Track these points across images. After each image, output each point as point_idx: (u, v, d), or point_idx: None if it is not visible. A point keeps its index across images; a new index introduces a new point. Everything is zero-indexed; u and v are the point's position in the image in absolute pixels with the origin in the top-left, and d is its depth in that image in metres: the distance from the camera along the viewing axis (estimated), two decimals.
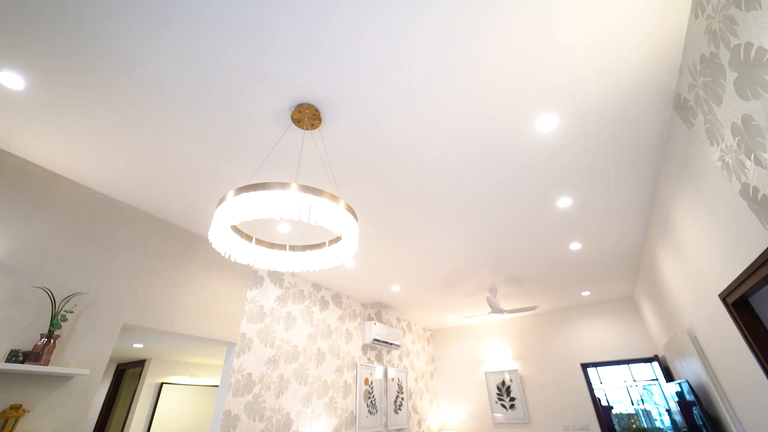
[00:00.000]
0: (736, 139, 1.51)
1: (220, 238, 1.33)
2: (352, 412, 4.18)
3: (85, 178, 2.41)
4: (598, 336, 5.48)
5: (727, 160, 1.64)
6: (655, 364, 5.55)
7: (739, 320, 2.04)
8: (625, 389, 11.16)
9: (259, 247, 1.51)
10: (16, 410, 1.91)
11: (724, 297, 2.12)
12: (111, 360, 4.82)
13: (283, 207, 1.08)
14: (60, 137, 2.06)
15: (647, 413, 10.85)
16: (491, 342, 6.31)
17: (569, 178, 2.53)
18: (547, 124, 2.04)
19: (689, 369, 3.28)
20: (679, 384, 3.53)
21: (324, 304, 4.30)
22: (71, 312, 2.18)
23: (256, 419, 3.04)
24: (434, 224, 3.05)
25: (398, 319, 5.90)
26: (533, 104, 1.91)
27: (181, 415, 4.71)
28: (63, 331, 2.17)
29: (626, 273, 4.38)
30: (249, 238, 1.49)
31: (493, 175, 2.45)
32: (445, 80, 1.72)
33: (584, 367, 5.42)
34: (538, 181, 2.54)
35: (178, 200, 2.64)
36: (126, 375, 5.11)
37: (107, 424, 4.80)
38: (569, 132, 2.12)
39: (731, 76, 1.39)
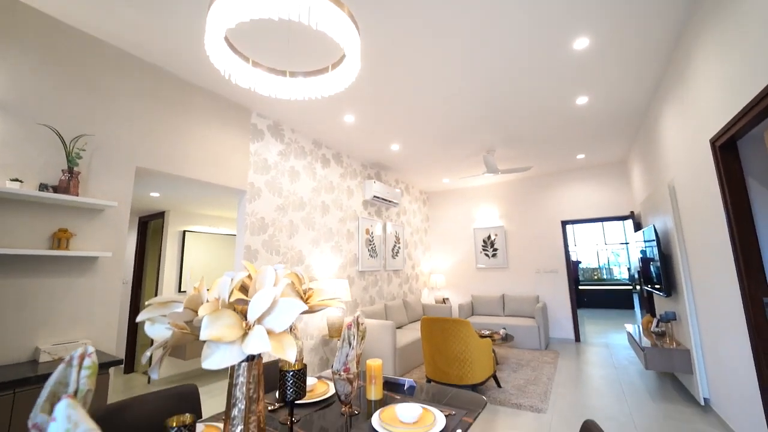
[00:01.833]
0: None
1: (217, 51, 1.27)
2: (355, 254, 4.82)
3: (55, 9, 2.14)
4: (582, 197, 5.86)
5: None
6: (629, 221, 6.12)
7: (721, 163, 2.15)
8: (596, 252, 12.64)
9: (257, 69, 1.46)
10: (64, 232, 2.20)
11: (714, 140, 2.18)
12: (133, 212, 5.25)
13: (282, 4, 1.00)
14: None
15: (609, 270, 12.58)
16: (481, 203, 6.79)
17: (592, 13, 2.26)
18: None
19: (659, 221, 3.65)
20: (646, 231, 3.97)
21: (325, 162, 4.44)
22: (83, 150, 2.26)
23: (273, 254, 3.52)
24: (439, 71, 2.88)
25: (397, 181, 6.18)
26: None
27: (208, 260, 5.43)
28: (81, 169, 2.29)
29: (625, 134, 4.38)
30: (246, 58, 1.43)
31: (509, 6, 2.18)
32: None
33: (564, 224, 5.99)
34: (556, 12, 2.28)
35: (161, 36, 2.42)
36: (150, 226, 5.65)
37: (143, 270, 5.57)
38: None
39: None
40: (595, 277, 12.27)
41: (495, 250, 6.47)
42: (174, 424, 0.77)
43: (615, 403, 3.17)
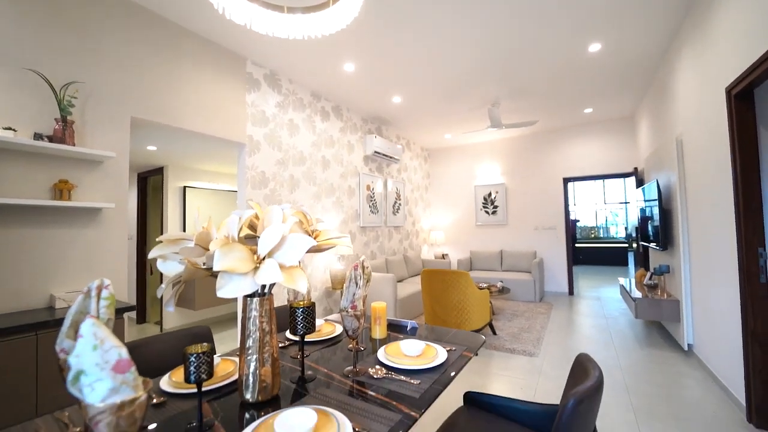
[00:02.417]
0: None
1: None
2: (356, 210, 4.84)
3: None
4: (585, 154, 5.77)
5: None
6: (631, 179, 6.08)
7: (734, 112, 2.09)
8: (594, 212, 12.72)
9: (253, 5, 1.36)
10: (65, 183, 2.18)
11: (730, 89, 2.10)
12: (131, 168, 5.19)
13: None
14: None
15: (606, 229, 12.75)
16: (483, 160, 6.70)
17: None
18: None
19: (662, 176, 3.62)
20: (647, 187, 3.96)
21: (325, 115, 4.31)
22: (74, 98, 2.18)
23: None
24: (443, 17, 2.69)
25: (398, 137, 6.05)
26: None
27: (210, 216, 5.47)
28: (75, 118, 2.22)
29: (636, 87, 4.21)
30: None
31: None
32: None
33: (566, 181, 5.96)
34: None
35: None
36: (149, 183, 5.62)
37: (146, 226, 5.62)
38: None
39: None
40: (592, 236, 12.48)
41: (495, 207, 6.49)
42: (193, 351, 0.81)
43: (603, 348, 3.36)
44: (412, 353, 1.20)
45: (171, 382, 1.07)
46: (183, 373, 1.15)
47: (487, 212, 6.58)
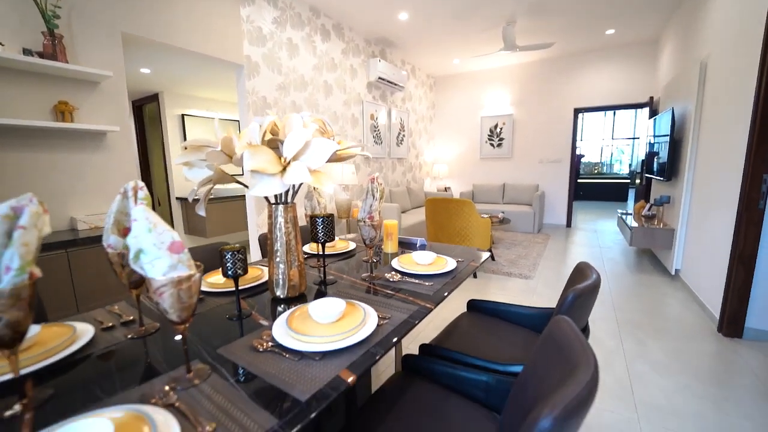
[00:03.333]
0: None
1: None
2: (360, 140, 4.75)
3: None
4: (600, 82, 5.47)
5: None
6: (644, 110, 5.85)
7: None
8: (600, 148, 12.46)
9: None
10: (65, 105, 2.12)
11: None
12: None
13: None
14: None
15: (610, 165, 12.62)
16: (492, 89, 6.37)
17: None
18: None
19: (679, 105, 3.48)
20: (660, 117, 3.84)
21: (325, 34, 3.99)
22: (59, 8, 2.01)
23: None
24: None
25: (403, 62, 5.68)
26: None
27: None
28: (62, 32, 2.07)
29: (665, 5, 3.83)
30: None
31: None
32: None
33: (576, 111, 5.74)
34: None
35: None
36: (145, 112, 5.43)
37: (148, 158, 5.55)
38: None
39: None
40: (595, 171, 12.43)
41: (501, 139, 6.36)
42: (229, 249, 0.88)
43: None
44: (424, 262, 1.29)
45: (206, 283, 1.17)
46: (217, 273, 1.26)
47: (492, 145, 6.46)
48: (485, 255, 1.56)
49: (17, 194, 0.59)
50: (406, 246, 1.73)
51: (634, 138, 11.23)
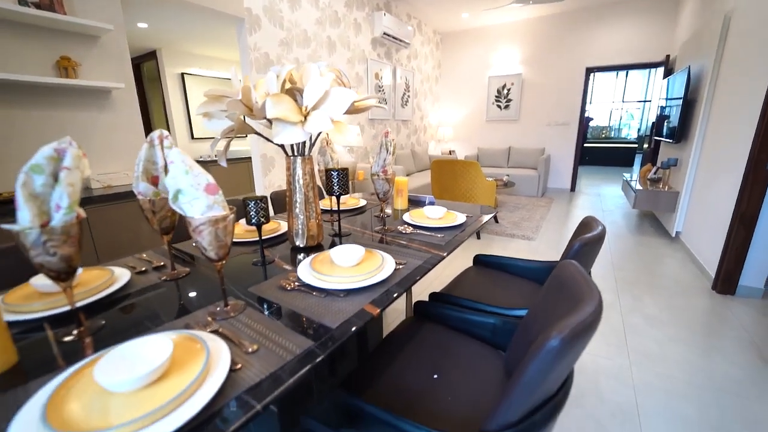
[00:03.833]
0: None
1: None
2: None
3: None
4: (614, 40, 5.23)
5: None
6: (659, 69, 5.64)
7: None
8: (609, 111, 12.10)
9: None
10: (68, 60, 2.08)
11: None
12: None
13: None
14: None
15: (618, 130, 12.33)
16: (501, 46, 6.10)
17: None
18: None
19: (696, 63, 3.35)
20: (674, 77, 3.72)
21: None
22: None
23: None
24: None
25: (408, 16, 5.41)
26: None
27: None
28: None
29: None
30: None
31: None
32: None
33: (588, 71, 5.53)
34: None
35: None
36: (143, 70, 5.26)
37: (150, 118, 5.44)
38: None
39: None
40: (603, 136, 12.18)
41: (508, 101, 6.19)
42: (252, 198, 0.92)
43: None
44: (435, 216, 1.33)
45: None
46: (237, 225, 1.31)
47: (499, 106, 6.31)
48: (492, 212, 1.60)
49: (27, 154, 0.61)
50: (414, 204, 1.77)
51: (645, 101, 10.89)
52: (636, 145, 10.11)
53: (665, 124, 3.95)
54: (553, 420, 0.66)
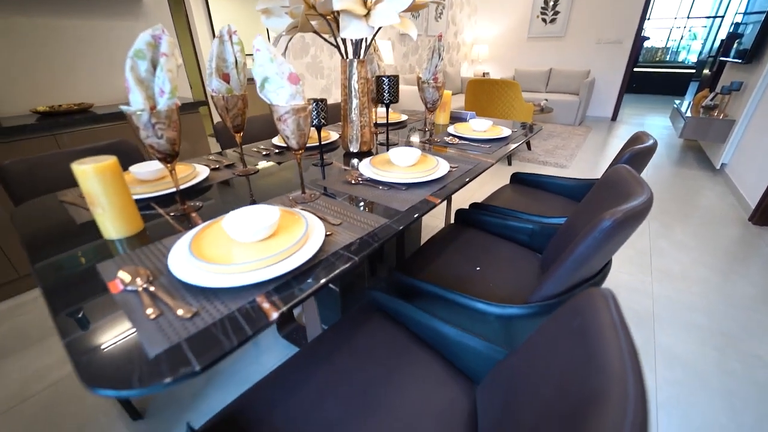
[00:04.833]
0: None
1: None
2: None
3: None
4: None
5: None
6: None
7: None
8: (669, 30, 10.55)
9: None
10: None
11: None
12: None
13: None
14: None
15: (676, 52, 10.88)
16: None
17: None
18: None
19: None
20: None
21: None
22: None
23: None
24: None
25: None
26: None
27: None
28: None
29: None
30: None
31: None
32: None
33: None
34: None
35: None
36: None
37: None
38: None
39: None
40: (657, 58, 10.86)
41: (556, 13, 5.51)
42: (313, 99, 0.96)
43: None
44: (481, 129, 1.34)
45: (279, 141, 1.30)
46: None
47: (544, 20, 5.65)
48: (537, 129, 1.58)
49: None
50: (455, 120, 1.76)
51: (716, 16, 9.40)
52: (693, 71, 9.04)
53: (736, 43, 3.49)
54: None
